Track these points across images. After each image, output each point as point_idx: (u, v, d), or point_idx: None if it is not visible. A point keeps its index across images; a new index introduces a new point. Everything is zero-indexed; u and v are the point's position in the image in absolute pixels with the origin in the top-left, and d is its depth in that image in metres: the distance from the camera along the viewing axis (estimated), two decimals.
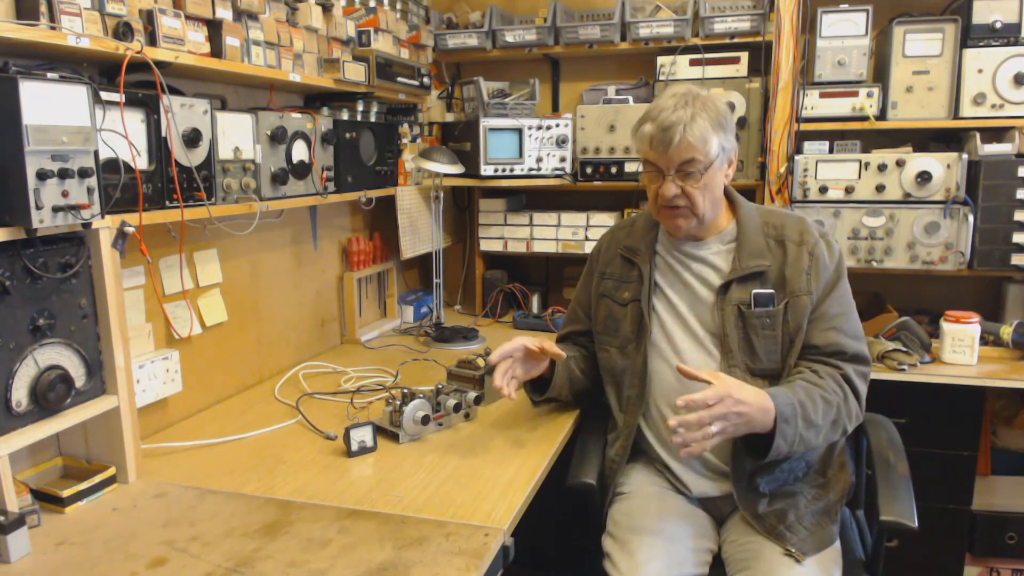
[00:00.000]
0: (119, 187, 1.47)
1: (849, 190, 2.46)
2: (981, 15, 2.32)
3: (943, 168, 2.37)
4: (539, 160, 2.77)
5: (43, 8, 1.30)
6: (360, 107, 2.48)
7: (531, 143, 2.74)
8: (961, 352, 2.24)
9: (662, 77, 2.72)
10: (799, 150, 2.52)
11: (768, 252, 1.65)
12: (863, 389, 1.60)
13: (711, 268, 1.69)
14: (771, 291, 1.62)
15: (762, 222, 1.69)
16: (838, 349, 1.59)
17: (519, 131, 2.73)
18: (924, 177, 2.37)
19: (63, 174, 1.28)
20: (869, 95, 2.43)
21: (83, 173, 1.32)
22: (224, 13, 1.73)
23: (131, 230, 1.48)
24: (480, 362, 2.02)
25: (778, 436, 1.46)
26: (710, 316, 1.66)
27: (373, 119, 2.55)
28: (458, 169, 2.62)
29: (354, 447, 1.65)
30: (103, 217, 1.39)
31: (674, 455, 1.69)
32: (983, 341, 2.28)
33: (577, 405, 1.93)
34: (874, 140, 2.58)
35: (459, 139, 2.85)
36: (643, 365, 1.70)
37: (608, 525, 1.65)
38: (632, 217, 1.91)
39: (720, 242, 1.70)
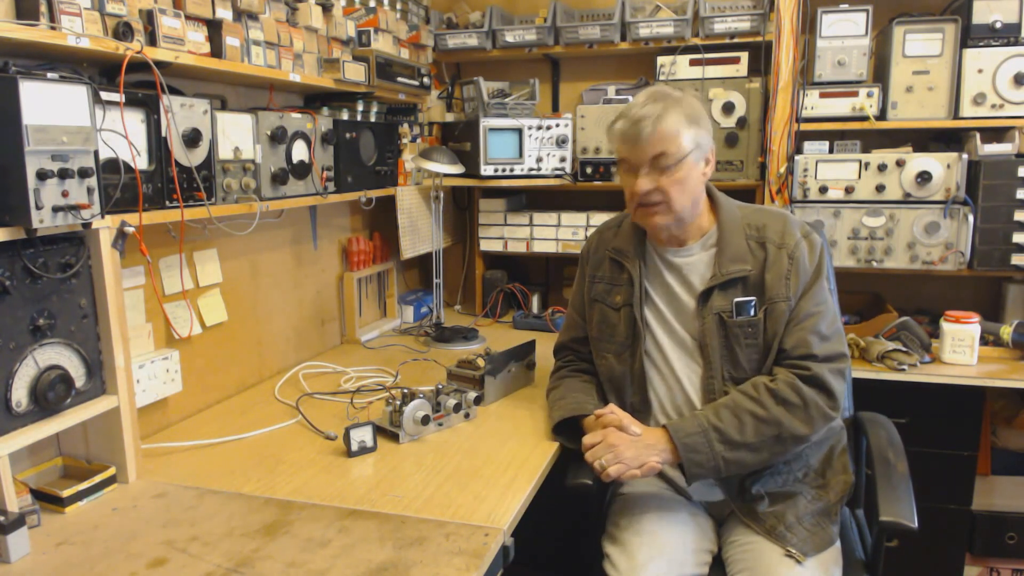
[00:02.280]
0: (119, 187, 1.47)
1: (849, 190, 2.46)
2: (981, 15, 2.32)
3: (943, 168, 2.37)
4: (539, 160, 2.77)
5: (43, 8, 1.30)
6: (360, 107, 2.48)
7: (531, 143, 2.74)
8: (961, 352, 2.24)
9: (662, 77, 2.72)
10: (799, 150, 2.52)
11: (749, 255, 1.60)
12: (839, 387, 1.54)
13: (694, 274, 1.65)
14: (751, 298, 1.58)
15: (744, 223, 1.64)
16: (808, 352, 1.54)
17: (519, 131, 2.73)
18: (924, 177, 2.37)
19: (63, 174, 1.28)
20: (869, 95, 2.43)
21: (83, 173, 1.32)
22: (224, 13, 1.73)
23: (131, 230, 1.48)
24: (480, 362, 2.02)
25: (688, 464, 1.49)
26: (693, 324, 1.64)
27: (373, 119, 2.55)
28: (458, 169, 2.62)
29: (354, 447, 1.65)
30: (103, 217, 1.39)
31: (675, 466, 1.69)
32: (983, 341, 2.28)
33: None
34: (874, 140, 2.58)
35: (459, 139, 2.85)
36: (640, 371, 1.68)
37: (608, 526, 1.65)
38: (619, 216, 1.85)
39: (702, 247, 1.66)
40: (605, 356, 1.76)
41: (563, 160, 2.79)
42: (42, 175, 1.25)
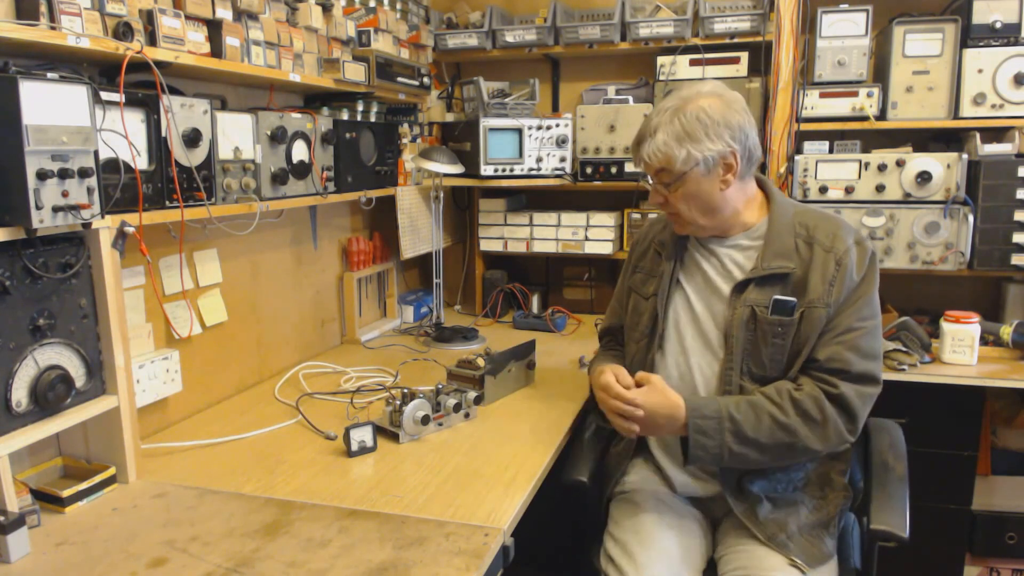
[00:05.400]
0: (119, 187, 1.47)
1: (849, 190, 2.46)
2: (981, 15, 2.32)
3: (943, 168, 2.37)
4: (539, 160, 2.77)
5: (43, 8, 1.30)
6: (360, 107, 2.48)
7: (531, 143, 2.74)
8: (961, 352, 2.24)
9: (662, 77, 2.72)
10: (799, 150, 2.52)
11: (794, 254, 1.55)
12: (862, 411, 1.50)
13: (734, 264, 1.62)
14: (793, 299, 1.53)
15: (795, 221, 1.58)
16: (842, 367, 1.48)
17: (519, 131, 2.73)
18: (924, 177, 2.37)
19: (63, 174, 1.28)
20: (869, 95, 2.43)
21: (83, 173, 1.32)
22: (224, 13, 1.73)
23: (131, 230, 1.49)
24: (480, 362, 2.02)
25: (694, 447, 1.47)
26: (723, 314, 1.60)
27: (373, 119, 2.55)
28: (458, 169, 2.62)
29: (354, 447, 1.65)
30: (103, 217, 1.39)
31: (667, 453, 1.69)
32: (983, 341, 2.28)
33: None
34: (874, 140, 2.58)
35: (459, 139, 2.85)
36: (652, 361, 1.68)
37: (609, 525, 1.64)
38: None
39: (747, 238, 1.62)
40: (630, 344, 1.78)
41: (563, 160, 2.79)
42: (42, 175, 1.25)
